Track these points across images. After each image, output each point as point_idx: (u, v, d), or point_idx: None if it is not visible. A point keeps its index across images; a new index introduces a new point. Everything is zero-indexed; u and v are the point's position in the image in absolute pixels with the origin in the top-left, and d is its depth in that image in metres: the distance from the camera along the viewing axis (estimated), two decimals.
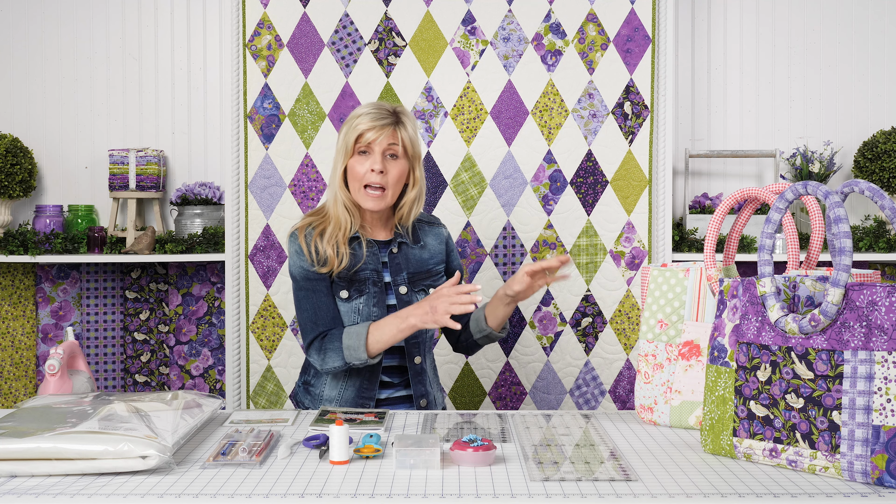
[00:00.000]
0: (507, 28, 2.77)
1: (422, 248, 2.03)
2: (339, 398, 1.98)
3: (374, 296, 1.94)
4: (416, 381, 1.99)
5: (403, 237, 2.01)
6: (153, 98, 3.07)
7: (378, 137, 1.90)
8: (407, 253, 2.00)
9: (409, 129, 1.95)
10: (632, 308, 2.79)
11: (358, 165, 1.92)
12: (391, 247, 1.99)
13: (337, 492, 1.25)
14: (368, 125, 1.91)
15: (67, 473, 1.32)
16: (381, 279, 1.96)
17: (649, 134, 2.77)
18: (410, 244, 2.01)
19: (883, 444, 1.23)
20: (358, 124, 1.92)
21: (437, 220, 2.11)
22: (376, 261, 1.97)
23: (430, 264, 2.03)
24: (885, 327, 1.24)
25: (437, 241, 2.06)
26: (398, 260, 1.99)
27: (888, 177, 2.83)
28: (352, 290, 1.94)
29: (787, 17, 3.06)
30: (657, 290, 1.70)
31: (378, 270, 1.96)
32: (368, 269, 1.95)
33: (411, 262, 2.00)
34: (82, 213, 2.96)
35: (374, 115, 1.92)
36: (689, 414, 1.64)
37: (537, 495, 1.23)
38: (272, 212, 2.77)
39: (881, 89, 3.06)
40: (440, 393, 2.12)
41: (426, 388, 2.02)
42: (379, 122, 1.91)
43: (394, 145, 1.92)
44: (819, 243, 1.67)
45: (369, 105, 1.96)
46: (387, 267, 1.99)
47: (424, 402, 2.01)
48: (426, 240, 2.05)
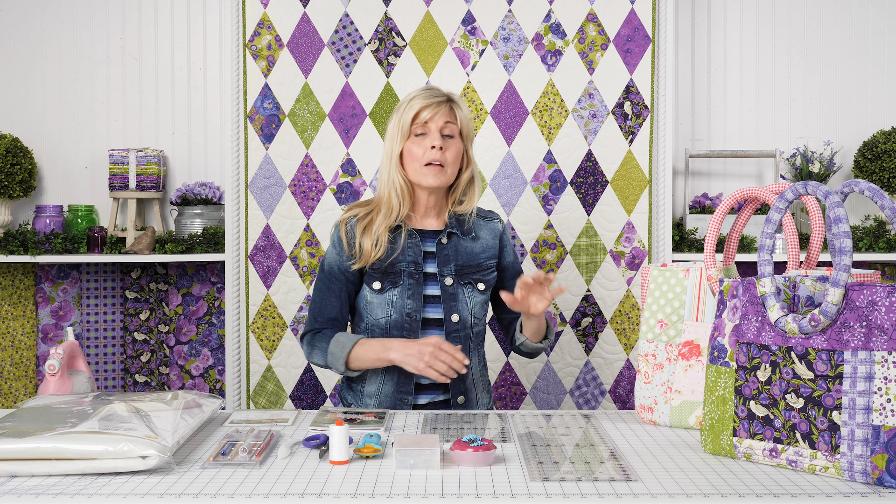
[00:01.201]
0: (507, 28, 2.77)
1: (473, 241, 1.99)
2: (378, 393, 1.94)
3: (410, 287, 1.92)
4: (455, 379, 1.92)
5: (454, 227, 1.97)
6: (153, 98, 3.07)
7: (434, 115, 1.91)
8: (457, 244, 1.97)
9: (463, 108, 1.96)
10: (632, 308, 2.79)
11: (416, 147, 1.92)
12: (441, 237, 1.96)
13: (337, 492, 1.25)
14: (424, 103, 1.91)
15: (67, 473, 1.32)
16: (420, 270, 1.93)
17: (649, 134, 2.77)
18: (461, 235, 1.97)
19: (883, 444, 1.23)
20: (413, 104, 1.92)
21: (494, 214, 2.06)
22: (417, 251, 1.94)
23: (482, 258, 1.99)
24: (885, 327, 1.24)
25: (490, 234, 2.02)
26: (447, 251, 1.95)
27: (888, 177, 2.83)
28: (385, 281, 1.93)
29: (787, 17, 3.06)
30: (657, 290, 1.70)
31: (417, 262, 1.93)
32: (406, 260, 1.93)
33: (461, 253, 1.96)
34: (82, 213, 2.96)
35: (428, 94, 1.93)
36: (689, 414, 1.64)
37: (537, 495, 1.23)
38: (272, 212, 2.77)
39: (881, 89, 3.06)
40: (485, 394, 2.05)
41: (465, 386, 1.96)
42: (434, 99, 1.92)
43: (450, 123, 1.92)
44: (819, 243, 1.67)
45: (420, 89, 1.97)
46: (433, 257, 1.95)
47: (462, 399, 1.95)
48: (479, 233, 2.00)
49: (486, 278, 1.99)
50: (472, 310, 1.96)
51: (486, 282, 1.99)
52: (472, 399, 1.99)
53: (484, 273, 1.99)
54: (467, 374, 1.97)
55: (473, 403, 1.99)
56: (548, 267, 2.78)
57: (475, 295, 1.97)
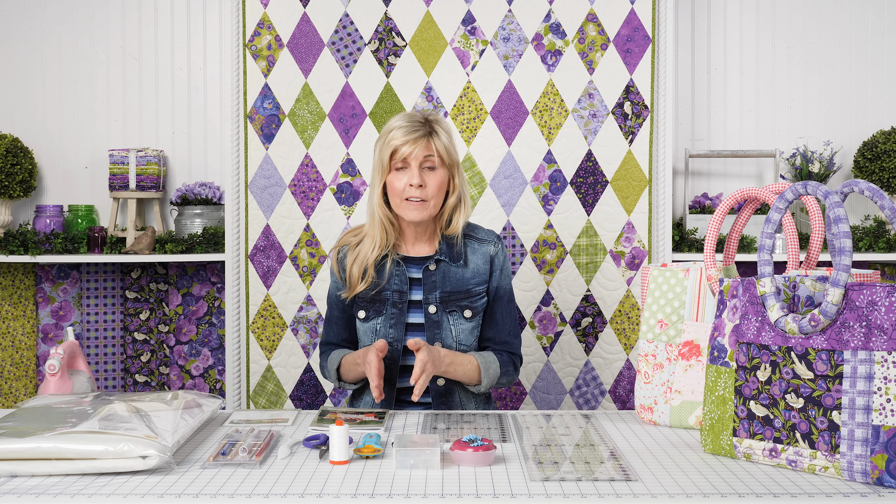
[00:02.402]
0: (507, 28, 2.77)
1: (463, 267, 1.95)
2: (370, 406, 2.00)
3: (393, 317, 1.92)
4: (438, 402, 1.93)
5: (444, 254, 1.94)
6: (153, 98, 3.07)
7: (413, 151, 1.86)
8: (446, 270, 1.94)
9: (442, 137, 1.90)
10: (632, 308, 2.79)
11: (396, 181, 1.89)
12: (428, 263, 1.94)
13: (337, 492, 1.25)
14: (402, 140, 1.87)
15: (67, 473, 1.32)
16: (405, 298, 1.92)
17: (649, 134, 2.77)
18: (450, 262, 1.94)
19: (883, 444, 1.23)
20: (391, 139, 1.88)
21: (491, 237, 2.01)
22: (402, 280, 1.93)
23: (471, 284, 1.95)
24: (884, 327, 1.24)
25: (482, 259, 1.97)
26: (434, 277, 1.93)
27: (888, 177, 2.83)
28: (370, 310, 1.94)
29: (787, 17, 3.06)
30: (657, 290, 1.71)
31: (402, 291, 1.92)
32: (391, 289, 1.93)
33: (449, 280, 1.94)
34: (82, 213, 2.96)
35: (407, 129, 1.88)
36: (689, 414, 1.64)
37: (537, 495, 1.23)
38: (272, 212, 2.77)
39: (881, 89, 3.06)
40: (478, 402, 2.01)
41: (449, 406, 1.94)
42: (412, 135, 1.87)
43: (430, 157, 1.88)
44: (819, 243, 1.67)
45: (401, 117, 1.92)
46: (420, 284, 1.94)
47: None
48: (471, 257, 1.96)
49: (473, 305, 1.95)
50: (457, 337, 1.94)
51: (473, 308, 1.95)
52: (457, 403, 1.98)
53: (472, 300, 1.95)
54: (452, 399, 1.95)
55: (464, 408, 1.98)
56: (548, 267, 2.78)
57: (461, 322, 1.94)
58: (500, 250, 2.00)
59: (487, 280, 1.98)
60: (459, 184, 1.95)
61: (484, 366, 1.91)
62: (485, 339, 2.00)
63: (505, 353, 1.99)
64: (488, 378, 1.91)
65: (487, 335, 2.00)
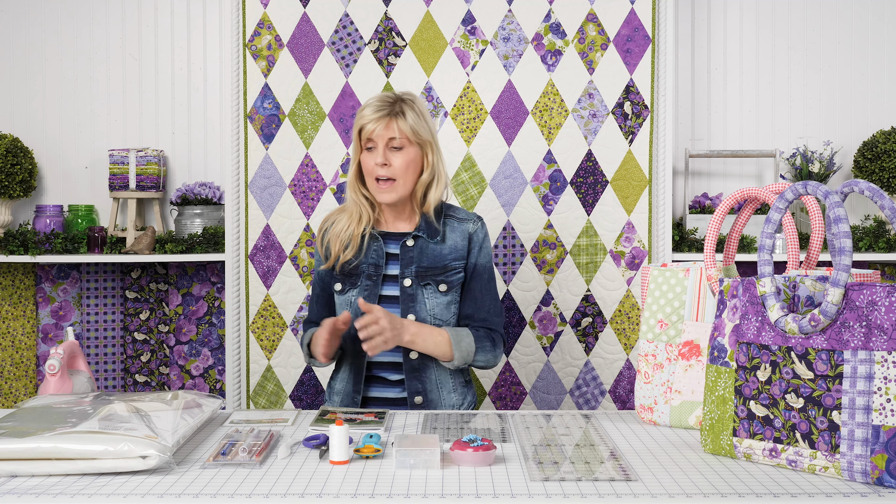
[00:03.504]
0: (507, 28, 2.77)
1: (440, 243, 1.97)
2: (341, 391, 2.00)
3: (367, 289, 1.94)
4: (411, 376, 1.94)
5: (422, 230, 1.97)
6: (153, 98, 3.07)
7: (376, 129, 1.91)
8: (423, 246, 1.96)
9: (408, 117, 1.93)
10: (632, 308, 2.79)
11: (367, 160, 1.94)
12: (406, 239, 1.97)
13: (337, 492, 1.25)
14: (367, 119, 1.93)
15: (67, 473, 1.32)
16: (380, 272, 1.95)
17: (649, 134, 2.77)
18: (428, 238, 1.97)
19: (883, 444, 1.23)
20: (360, 118, 1.95)
21: (472, 216, 2.03)
22: (379, 254, 1.96)
23: (448, 259, 1.97)
24: (884, 327, 1.24)
25: (460, 236, 1.98)
26: (412, 253, 1.96)
27: (888, 177, 2.83)
28: (346, 283, 1.98)
29: (787, 17, 3.06)
30: (657, 290, 1.71)
31: (378, 264, 1.96)
32: (367, 262, 1.96)
33: (426, 255, 1.96)
34: (82, 213, 2.96)
35: (374, 107, 1.93)
36: (689, 414, 1.64)
37: (537, 495, 1.23)
38: (272, 212, 2.77)
39: (881, 89, 3.06)
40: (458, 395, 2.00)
41: (424, 387, 1.95)
42: (377, 114, 1.92)
43: (393, 139, 1.92)
44: (819, 243, 1.67)
45: (375, 97, 1.98)
46: (398, 259, 1.97)
47: (420, 399, 1.95)
48: (449, 234, 1.98)
49: (449, 279, 1.96)
50: (431, 311, 1.95)
51: (449, 283, 1.96)
52: (436, 400, 1.97)
53: (448, 274, 1.96)
54: (425, 374, 1.95)
55: (437, 404, 1.97)
56: (548, 267, 2.78)
57: (436, 296, 1.96)
58: (479, 228, 2.02)
59: (465, 257, 1.99)
60: (434, 161, 1.97)
61: (455, 339, 1.90)
62: (464, 316, 2.00)
63: (482, 329, 1.98)
64: (460, 352, 1.90)
65: (466, 312, 2.00)
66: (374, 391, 1.98)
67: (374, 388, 1.98)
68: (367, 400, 1.99)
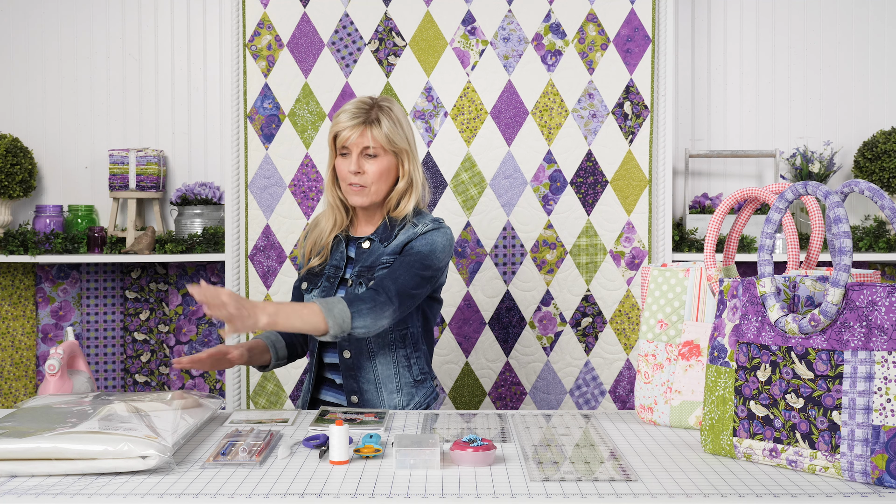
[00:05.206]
0: (507, 28, 2.77)
1: (387, 245, 1.93)
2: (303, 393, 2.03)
3: (324, 290, 1.95)
4: (347, 375, 1.91)
5: (376, 234, 1.95)
6: (153, 98, 3.07)
7: (351, 136, 1.88)
8: (375, 249, 1.94)
9: (384, 126, 1.88)
10: (632, 308, 2.79)
11: (341, 165, 1.93)
12: (361, 241, 1.97)
13: (337, 492, 1.25)
14: (342, 125, 1.89)
15: (67, 473, 1.32)
16: (339, 274, 1.96)
17: (649, 134, 2.77)
18: (379, 242, 1.94)
19: (883, 444, 1.23)
20: (335, 123, 1.92)
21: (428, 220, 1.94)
22: (341, 257, 1.97)
23: (384, 260, 1.90)
24: (885, 327, 1.24)
25: (405, 237, 1.92)
26: (363, 254, 1.95)
27: (888, 177, 2.83)
28: (311, 283, 1.99)
29: (787, 17, 3.06)
30: (657, 290, 1.71)
31: (338, 266, 1.97)
32: (332, 264, 1.98)
33: (372, 256, 1.93)
34: (82, 213, 2.96)
35: (350, 114, 1.89)
36: (689, 414, 1.64)
37: (537, 495, 1.23)
38: (272, 212, 2.77)
39: (881, 89, 3.06)
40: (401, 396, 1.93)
41: (360, 386, 1.90)
42: (352, 121, 1.88)
43: (367, 147, 1.89)
44: (819, 243, 1.67)
45: (352, 101, 1.93)
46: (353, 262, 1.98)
47: (356, 399, 1.91)
48: (399, 237, 1.93)
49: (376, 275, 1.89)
50: None
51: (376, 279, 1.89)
52: (374, 400, 1.91)
53: (378, 269, 1.90)
54: (361, 374, 1.91)
55: (377, 403, 1.91)
56: (548, 267, 2.78)
57: None
58: (430, 230, 1.91)
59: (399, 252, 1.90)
60: (410, 170, 1.94)
61: (326, 308, 1.74)
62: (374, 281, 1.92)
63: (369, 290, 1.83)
64: (333, 319, 1.73)
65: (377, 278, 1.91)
66: (324, 394, 2.00)
67: (325, 390, 2.00)
68: (316, 402, 1.99)
